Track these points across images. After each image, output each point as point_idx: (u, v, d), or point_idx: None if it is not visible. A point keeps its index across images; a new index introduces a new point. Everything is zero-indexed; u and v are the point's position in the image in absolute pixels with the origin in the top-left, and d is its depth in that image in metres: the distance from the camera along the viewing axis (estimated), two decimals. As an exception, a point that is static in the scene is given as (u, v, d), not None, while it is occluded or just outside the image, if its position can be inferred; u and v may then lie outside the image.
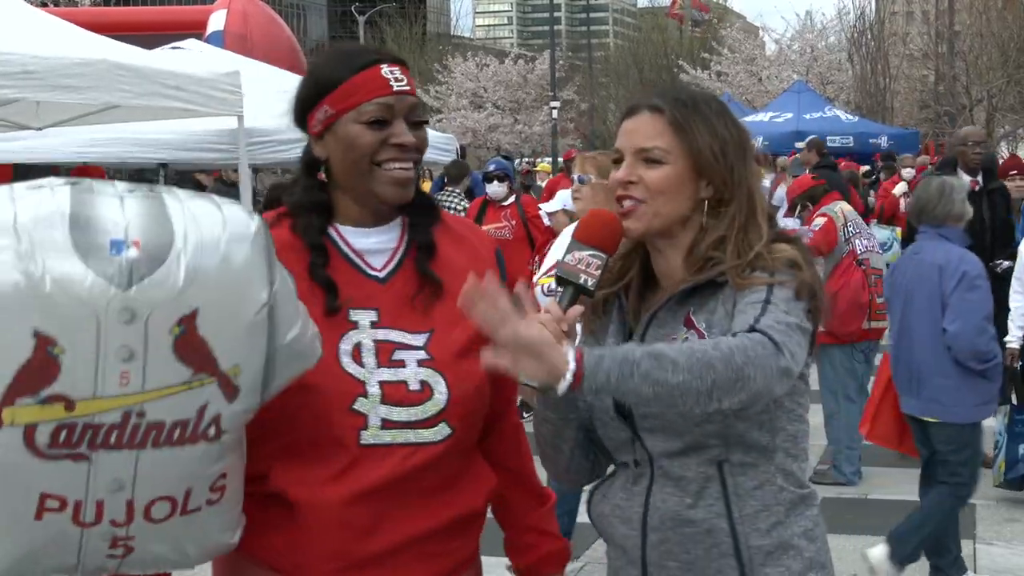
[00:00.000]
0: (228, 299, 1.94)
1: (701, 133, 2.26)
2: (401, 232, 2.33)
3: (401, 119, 2.25)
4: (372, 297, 2.25)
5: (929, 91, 39.20)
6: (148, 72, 6.51)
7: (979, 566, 6.06)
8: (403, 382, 2.21)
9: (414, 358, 2.23)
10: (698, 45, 50.66)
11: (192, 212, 1.96)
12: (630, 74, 53.18)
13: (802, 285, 2.18)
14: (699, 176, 2.26)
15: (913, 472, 7.79)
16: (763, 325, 2.08)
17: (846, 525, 6.53)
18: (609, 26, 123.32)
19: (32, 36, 6.28)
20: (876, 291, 7.36)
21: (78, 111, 7.64)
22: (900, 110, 40.59)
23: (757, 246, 2.21)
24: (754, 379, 2.02)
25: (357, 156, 2.23)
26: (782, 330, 2.08)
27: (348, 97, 2.23)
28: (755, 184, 2.31)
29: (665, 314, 2.27)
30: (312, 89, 2.29)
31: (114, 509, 1.96)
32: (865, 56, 37.84)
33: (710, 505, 2.21)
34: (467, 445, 2.31)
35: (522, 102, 46.75)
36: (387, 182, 2.24)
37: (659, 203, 2.25)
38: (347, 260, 2.27)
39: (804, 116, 21.72)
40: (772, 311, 2.11)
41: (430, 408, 2.22)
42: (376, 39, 57.62)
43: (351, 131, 2.23)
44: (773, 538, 2.22)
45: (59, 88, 6.01)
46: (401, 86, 2.26)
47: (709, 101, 2.34)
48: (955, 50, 37.48)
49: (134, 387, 1.90)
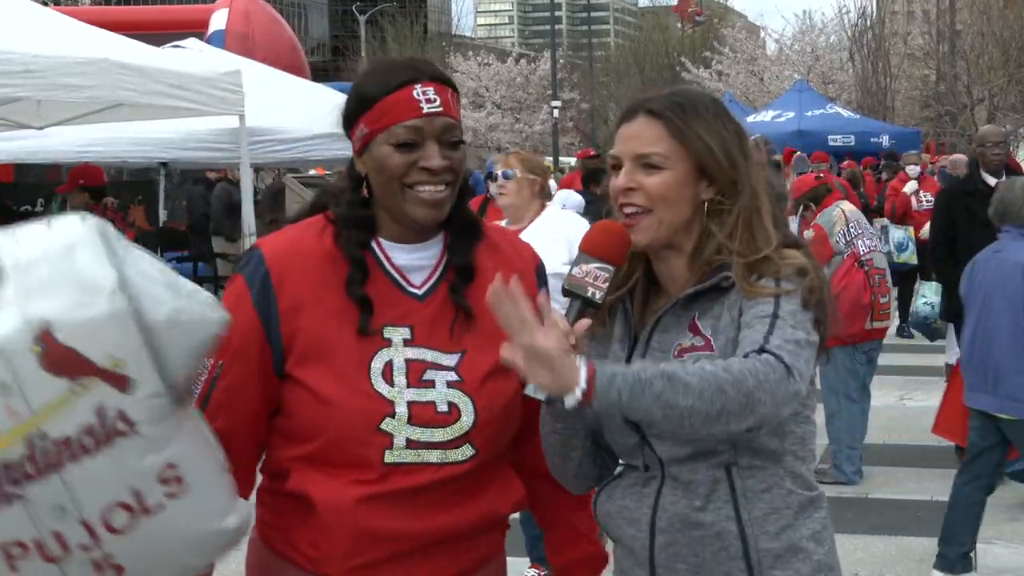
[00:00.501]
0: (73, 301, 1.93)
1: (700, 135, 2.24)
2: (442, 249, 2.33)
3: (432, 140, 2.22)
4: (408, 315, 2.25)
5: (930, 90, 39.19)
6: (150, 71, 6.51)
7: (981, 565, 6.05)
8: (431, 403, 2.22)
9: (444, 379, 2.24)
10: (699, 44, 50.63)
11: (15, 237, 2.00)
12: (631, 73, 53.12)
13: (810, 294, 2.16)
14: (700, 179, 2.24)
15: (913, 471, 7.82)
16: (773, 346, 2.07)
17: (847, 524, 6.53)
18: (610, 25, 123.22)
19: (34, 34, 6.28)
20: (880, 291, 7.35)
21: (79, 110, 7.64)
22: (901, 109, 40.58)
23: (765, 250, 2.19)
24: (764, 403, 2.03)
25: (387, 178, 2.23)
26: (792, 350, 2.08)
27: (380, 118, 2.23)
28: (760, 184, 2.27)
29: (670, 319, 2.25)
30: (352, 106, 2.29)
31: (74, 534, 1.96)
32: (866, 55, 37.82)
33: (719, 508, 2.21)
34: (489, 465, 2.32)
35: (523, 101, 46.77)
36: (417, 204, 2.23)
37: (662, 210, 2.23)
38: (387, 276, 2.27)
39: (806, 114, 21.72)
40: (781, 327, 2.10)
41: (456, 430, 2.23)
42: (377, 38, 57.61)
43: (382, 152, 2.23)
44: (782, 541, 2.22)
45: (61, 87, 6.01)
46: (433, 107, 2.23)
47: (705, 101, 2.30)
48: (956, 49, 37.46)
49: (22, 414, 1.91)
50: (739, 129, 2.30)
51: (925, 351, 11.85)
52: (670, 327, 2.25)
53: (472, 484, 2.27)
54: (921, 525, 6.70)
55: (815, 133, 20.76)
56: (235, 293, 2.25)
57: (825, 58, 40.54)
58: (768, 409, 2.04)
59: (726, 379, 2.01)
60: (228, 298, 2.25)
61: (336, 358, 2.20)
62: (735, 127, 2.29)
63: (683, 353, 2.21)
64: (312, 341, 2.21)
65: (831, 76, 39.37)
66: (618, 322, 2.36)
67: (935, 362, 11.52)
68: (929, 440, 8.69)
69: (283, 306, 2.21)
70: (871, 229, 7.64)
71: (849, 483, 7.47)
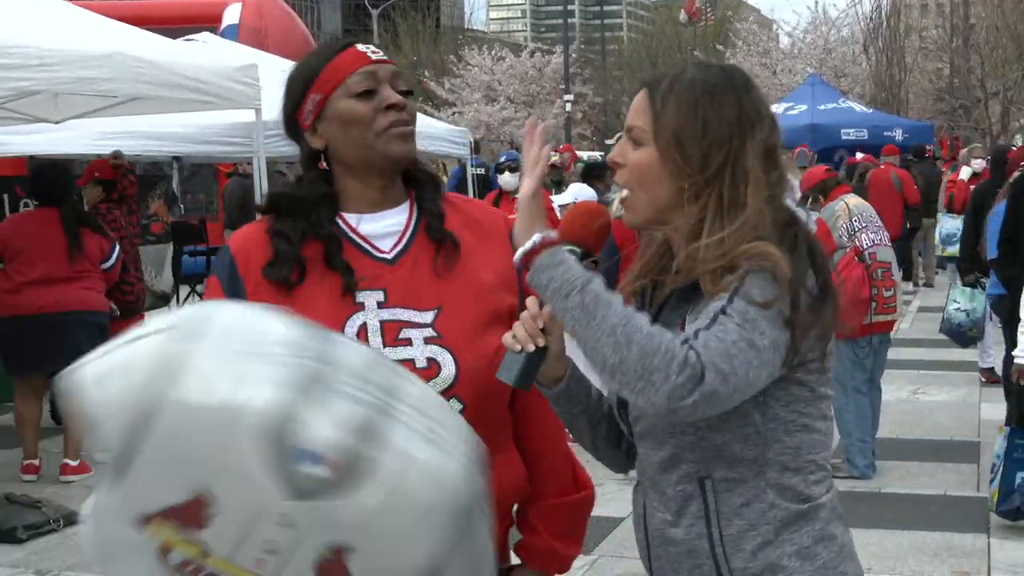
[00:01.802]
0: (387, 552, 1.85)
1: (674, 112, 2.10)
2: (409, 214, 2.34)
3: (387, 84, 2.28)
4: (380, 278, 2.26)
5: (944, 84, 39.06)
6: (167, 65, 6.52)
7: (993, 560, 6.05)
8: (410, 360, 2.20)
9: (421, 336, 2.23)
10: (712, 38, 50.53)
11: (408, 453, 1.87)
12: (643, 67, 53.01)
13: (775, 295, 1.98)
14: (678, 160, 2.10)
15: (926, 466, 7.81)
16: (700, 342, 1.92)
17: (860, 519, 6.52)
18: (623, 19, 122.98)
19: (50, 27, 6.28)
20: (884, 284, 7.32)
21: (97, 104, 7.66)
22: (915, 103, 40.44)
23: (737, 247, 2.02)
24: (655, 386, 1.89)
25: (358, 130, 2.26)
26: (720, 350, 1.92)
27: (332, 78, 2.27)
28: (747, 175, 2.08)
29: (669, 313, 2.16)
30: (296, 86, 2.32)
31: None
32: (880, 49, 37.70)
33: (691, 525, 2.11)
34: (485, 424, 2.23)
35: (536, 95, 46.69)
36: (390, 141, 2.26)
37: (640, 189, 2.14)
38: (354, 244, 2.28)
39: (818, 108, 21.63)
40: (722, 324, 1.94)
41: (438, 384, 2.21)
42: (389, 32, 57.62)
43: (343, 107, 2.26)
44: (759, 560, 2.08)
45: (77, 80, 6.02)
46: (379, 56, 2.30)
47: (702, 78, 2.14)
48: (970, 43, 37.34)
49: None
50: (741, 115, 2.12)
51: (938, 346, 11.82)
52: (671, 321, 2.12)
53: None
54: (934, 520, 6.69)
55: (828, 127, 20.68)
56: (209, 292, 2.30)
57: (837, 51, 40.39)
58: (657, 397, 1.89)
59: (640, 341, 1.91)
60: (205, 298, 2.29)
61: None
62: (735, 112, 2.11)
63: None
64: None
65: (844, 70, 39.22)
66: None
67: (948, 357, 11.52)
68: (942, 435, 8.70)
69: (250, 289, 2.24)
70: (877, 223, 7.59)
71: (862, 477, 7.46)
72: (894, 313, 7.55)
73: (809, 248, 2.11)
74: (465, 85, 45.86)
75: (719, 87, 2.12)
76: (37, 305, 7.44)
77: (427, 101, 44.06)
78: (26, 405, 7.70)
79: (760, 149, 2.10)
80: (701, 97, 2.11)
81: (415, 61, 54.23)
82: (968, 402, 9.78)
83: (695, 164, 2.09)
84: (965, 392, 10.15)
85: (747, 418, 2.06)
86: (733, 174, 2.08)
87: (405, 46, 56.81)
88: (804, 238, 2.12)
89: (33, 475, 7.63)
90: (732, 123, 2.10)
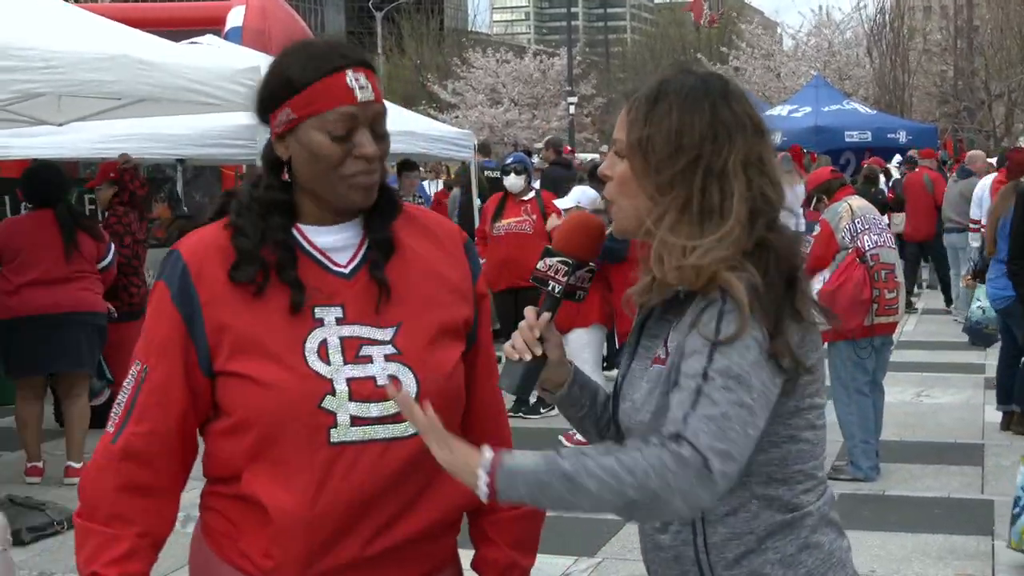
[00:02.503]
0: None
1: (642, 120, 2.08)
2: (364, 228, 2.28)
3: (366, 128, 2.18)
4: (337, 293, 2.20)
5: (948, 86, 39.05)
6: (170, 67, 6.53)
7: (997, 563, 6.04)
8: (371, 378, 2.16)
9: (381, 353, 2.19)
10: (716, 40, 50.54)
11: None
12: (647, 69, 53.04)
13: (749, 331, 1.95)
14: (643, 166, 2.07)
15: (930, 468, 7.80)
16: (691, 430, 1.90)
17: (864, 521, 6.52)
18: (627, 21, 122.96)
19: (54, 29, 6.29)
20: (887, 286, 7.31)
21: (100, 106, 7.66)
22: (919, 105, 40.43)
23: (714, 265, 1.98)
24: (672, 503, 1.90)
25: (323, 167, 2.17)
26: (714, 431, 1.90)
27: (312, 103, 2.15)
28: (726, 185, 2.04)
29: (655, 325, 2.17)
30: (275, 89, 2.21)
31: None
32: (884, 51, 37.69)
33: (677, 532, 2.12)
34: None
35: (540, 98, 46.73)
36: (354, 190, 2.19)
37: (621, 201, 2.13)
38: (311, 257, 2.22)
39: (822, 110, 21.64)
40: (707, 396, 1.92)
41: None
42: (393, 34, 57.64)
43: (314, 139, 2.16)
44: (742, 568, 2.08)
45: (81, 83, 6.02)
46: (366, 95, 2.17)
47: (679, 85, 2.10)
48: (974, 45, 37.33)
49: None
50: (717, 120, 2.07)
51: (942, 348, 11.84)
52: (656, 333, 2.15)
53: (423, 471, 2.18)
54: (938, 522, 6.69)
55: (832, 129, 20.70)
56: (156, 297, 2.20)
57: (841, 54, 40.40)
58: (681, 507, 1.91)
59: (628, 481, 1.89)
60: (150, 304, 2.22)
61: (269, 344, 2.14)
62: (708, 121, 2.06)
63: (655, 363, 2.11)
64: (241, 332, 2.15)
65: (848, 72, 39.23)
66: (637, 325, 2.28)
67: (952, 359, 11.51)
68: (946, 437, 8.69)
69: (204, 298, 2.16)
70: (881, 224, 7.58)
71: (866, 479, 7.45)
72: (896, 315, 7.53)
73: (789, 264, 2.06)
74: (469, 87, 45.88)
75: (691, 94, 2.08)
76: (35, 306, 7.44)
77: (431, 104, 44.07)
78: (27, 407, 7.69)
79: (741, 158, 2.06)
80: (674, 106, 2.07)
81: (419, 63, 54.28)
82: (972, 404, 9.77)
83: (660, 175, 2.06)
84: (969, 394, 10.14)
85: None
86: (705, 186, 2.04)
87: (409, 48, 56.88)
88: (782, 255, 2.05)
89: (37, 477, 7.64)
90: (704, 130, 2.06)
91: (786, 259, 2.05)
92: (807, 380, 2.08)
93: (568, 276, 2.18)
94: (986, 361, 10.27)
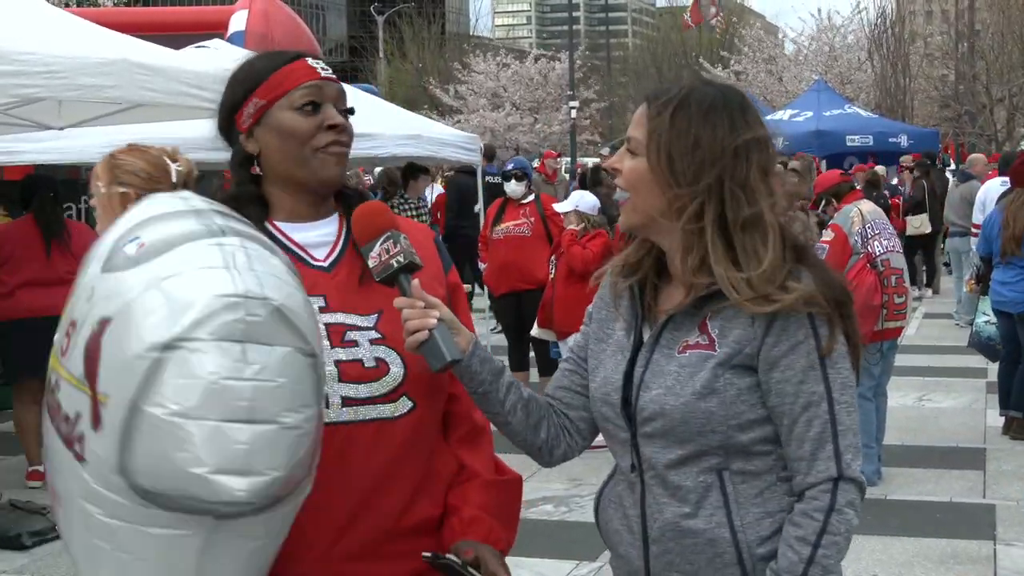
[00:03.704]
0: (128, 324, 1.86)
1: (668, 127, 2.18)
2: (339, 225, 2.34)
3: (330, 104, 2.27)
4: (318, 285, 2.25)
5: (949, 90, 39.04)
6: (170, 71, 6.53)
7: (999, 567, 6.04)
8: (358, 360, 2.22)
9: (366, 338, 2.25)
10: (717, 44, 50.55)
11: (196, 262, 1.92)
12: (649, 73, 53.08)
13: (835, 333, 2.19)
14: (667, 173, 2.18)
15: (932, 472, 7.80)
16: (847, 469, 2.20)
17: (866, 526, 6.51)
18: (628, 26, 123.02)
19: (53, 35, 6.30)
20: (896, 291, 7.31)
21: (100, 111, 7.66)
22: (920, 109, 40.41)
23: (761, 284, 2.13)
24: (856, 523, 2.21)
25: (295, 144, 2.25)
26: (854, 452, 2.23)
27: (277, 86, 2.26)
28: (751, 195, 2.17)
29: (682, 317, 2.24)
30: (239, 87, 2.31)
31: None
32: (885, 55, 37.69)
33: (711, 515, 2.20)
34: (432, 423, 2.32)
35: (541, 102, 46.73)
36: (328, 164, 2.26)
37: (634, 196, 2.24)
38: (290, 252, 2.26)
39: (824, 114, 21.63)
40: (842, 425, 2.22)
41: (388, 382, 2.23)
42: (394, 39, 57.69)
43: (284, 119, 2.25)
44: (774, 542, 2.20)
45: (82, 87, 6.02)
46: (328, 73, 2.29)
47: (703, 96, 2.21)
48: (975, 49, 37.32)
49: (64, 360, 1.96)
50: (736, 136, 2.18)
51: (944, 352, 11.83)
52: (682, 325, 2.23)
53: (417, 457, 2.25)
54: (940, 527, 6.68)
55: (833, 133, 20.67)
56: None
57: (843, 58, 40.39)
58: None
59: (842, 546, 2.17)
60: None
61: None
62: (730, 134, 2.18)
63: (687, 349, 2.20)
64: None
65: (849, 76, 39.22)
66: (624, 307, 2.34)
67: (954, 363, 11.51)
68: (948, 441, 8.68)
69: None
70: (890, 229, 7.57)
71: (868, 484, 7.42)
72: (904, 320, 7.53)
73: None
74: (470, 92, 45.90)
75: (715, 106, 2.20)
76: (28, 308, 7.45)
77: (432, 108, 44.09)
78: (25, 412, 7.68)
79: (759, 170, 2.19)
80: (696, 115, 2.18)
81: (420, 68, 54.30)
82: (974, 408, 9.76)
83: (684, 179, 2.17)
84: (971, 398, 10.13)
85: (769, 423, 2.21)
86: (734, 195, 2.16)
87: (410, 53, 56.91)
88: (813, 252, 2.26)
89: (38, 482, 7.63)
90: (725, 145, 2.17)
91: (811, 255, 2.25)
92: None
93: (398, 244, 2.20)
94: (988, 365, 10.25)
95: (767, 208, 2.17)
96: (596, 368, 2.36)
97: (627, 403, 2.26)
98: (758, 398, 2.18)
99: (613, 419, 2.30)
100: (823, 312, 2.15)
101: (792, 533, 2.15)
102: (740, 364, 2.17)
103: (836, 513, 2.15)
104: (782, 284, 2.14)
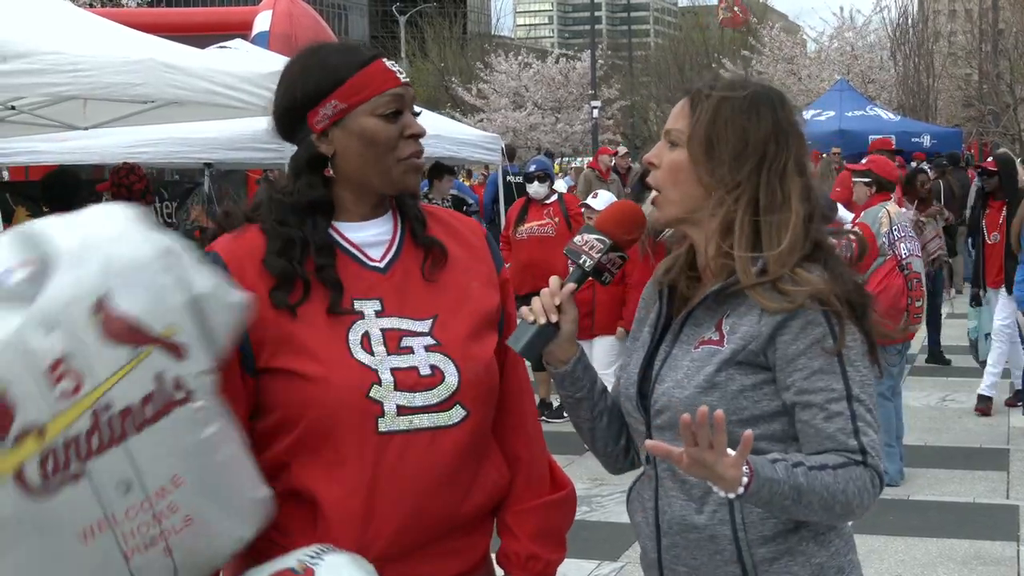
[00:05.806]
0: (128, 270, 1.96)
1: (710, 120, 2.22)
2: (394, 223, 2.33)
3: (408, 110, 2.28)
4: (374, 287, 2.25)
5: (972, 89, 38.84)
6: (197, 70, 6.55)
7: (1023, 568, 6.02)
8: (414, 368, 2.21)
9: (421, 344, 2.24)
10: (739, 44, 50.40)
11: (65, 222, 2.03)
12: (670, 73, 52.98)
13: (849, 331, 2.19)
14: (708, 164, 2.22)
15: (956, 473, 7.78)
16: (870, 453, 2.18)
17: (889, 526, 6.50)
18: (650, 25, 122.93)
19: (80, 35, 6.34)
20: (916, 295, 7.31)
21: (125, 110, 7.70)
22: (943, 109, 40.23)
23: (774, 265, 2.16)
24: (856, 515, 2.17)
25: (378, 152, 2.23)
26: (879, 452, 2.20)
27: (361, 90, 2.22)
28: (785, 187, 2.21)
29: (701, 313, 2.26)
30: (312, 85, 2.25)
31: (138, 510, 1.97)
32: (908, 55, 37.54)
33: (714, 511, 2.21)
34: (484, 429, 2.31)
35: (563, 101, 46.69)
36: (410, 172, 2.27)
37: (670, 189, 2.26)
38: (347, 253, 2.26)
39: (846, 114, 21.59)
40: (862, 417, 2.19)
41: (443, 391, 2.22)
42: (416, 39, 57.76)
43: (368, 125, 2.22)
44: (778, 544, 2.20)
45: (110, 86, 6.06)
46: (404, 78, 2.28)
47: (745, 91, 2.26)
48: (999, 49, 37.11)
49: (89, 386, 1.92)
50: (778, 130, 2.24)
51: (967, 352, 11.75)
52: (701, 321, 2.25)
53: (469, 460, 2.25)
54: (963, 527, 6.67)
55: (856, 133, 20.63)
56: None
57: (865, 57, 40.23)
58: (857, 518, 2.19)
59: (841, 500, 2.11)
60: None
61: (312, 339, 2.18)
62: (771, 126, 2.24)
63: (701, 345, 2.22)
64: (283, 329, 2.19)
65: (871, 75, 39.06)
66: (654, 308, 2.38)
67: (976, 363, 11.45)
68: (971, 442, 8.66)
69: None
70: (912, 233, 7.58)
71: (891, 484, 7.42)
72: (920, 323, 7.54)
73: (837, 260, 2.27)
74: (492, 91, 45.90)
75: (756, 101, 2.25)
76: None
77: (454, 107, 44.11)
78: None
79: (795, 163, 2.24)
80: (737, 108, 2.23)
81: (442, 67, 54.33)
82: (997, 409, 9.72)
83: (724, 170, 2.21)
84: (994, 399, 10.08)
85: (777, 419, 2.20)
86: (769, 183, 2.21)
87: (432, 52, 56.94)
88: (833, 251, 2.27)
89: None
90: (766, 136, 2.22)
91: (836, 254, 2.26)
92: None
93: (602, 254, 2.26)
94: (1011, 366, 10.21)
95: (796, 197, 2.20)
96: (625, 365, 2.40)
97: (643, 396, 2.30)
98: (763, 395, 2.19)
99: (632, 412, 2.33)
100: (835, 310, 2.16)
101: (798, 457, 2.12)
102: (745, 360, 2.18)
103: (852, 479, 2.14)
104: (793, 270, 2.16)
